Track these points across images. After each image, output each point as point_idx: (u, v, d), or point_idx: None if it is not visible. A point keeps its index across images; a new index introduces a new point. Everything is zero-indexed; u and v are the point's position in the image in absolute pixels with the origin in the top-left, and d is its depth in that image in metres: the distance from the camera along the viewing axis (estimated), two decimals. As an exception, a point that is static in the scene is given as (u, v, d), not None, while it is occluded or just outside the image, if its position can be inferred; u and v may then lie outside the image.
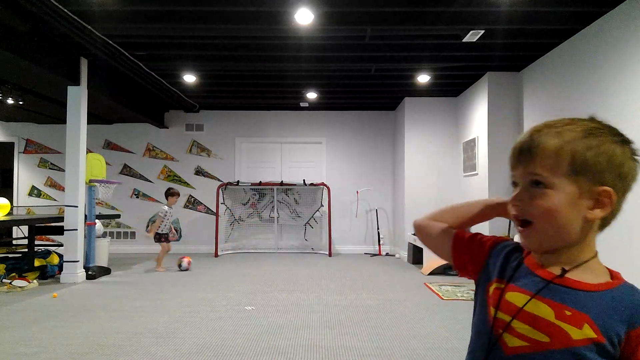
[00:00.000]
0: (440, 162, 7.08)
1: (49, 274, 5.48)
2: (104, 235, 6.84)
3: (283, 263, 6.74)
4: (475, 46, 4.74)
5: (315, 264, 6.66)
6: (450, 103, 7.07)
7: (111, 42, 4.52)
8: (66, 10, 3.77)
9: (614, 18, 3.77)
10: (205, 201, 8.14)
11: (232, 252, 7.85)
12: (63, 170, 7.48)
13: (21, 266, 5.44)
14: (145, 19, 4.12)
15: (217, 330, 3.34)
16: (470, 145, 6.29)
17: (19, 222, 5.75)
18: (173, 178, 8.16)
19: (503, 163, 5.58)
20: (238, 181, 7.86)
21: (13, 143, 8.30)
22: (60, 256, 5.65)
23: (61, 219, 5.31)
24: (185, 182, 8.14)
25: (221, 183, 7.88)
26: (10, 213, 5.96)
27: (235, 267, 6.35)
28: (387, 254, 7.81)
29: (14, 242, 6.54)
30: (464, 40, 4.46)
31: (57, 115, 7.28)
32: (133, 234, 8.14)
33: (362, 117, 8.16)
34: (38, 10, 3.64)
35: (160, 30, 4.39)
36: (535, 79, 5.23)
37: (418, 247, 6.40)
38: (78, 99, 5.20)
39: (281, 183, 7.88)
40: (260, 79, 6.26)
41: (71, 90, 5.19)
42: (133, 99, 6.58)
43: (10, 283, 4.79)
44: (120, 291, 4.74)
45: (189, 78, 6.07)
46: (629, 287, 0.70)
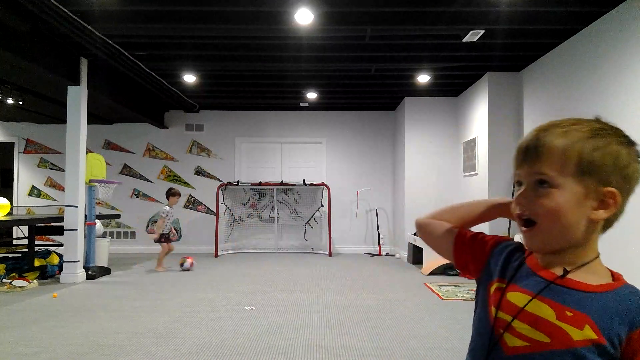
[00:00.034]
0: (440, 162, 7.08)
1: (49, 274, 5.49)
2: (104, 235, 6.84)
3: (283, 263, 6.74)
4: (475, 46, 4.74)
5: (315, 264, 6.66)
6: (450, 103, 7.07)
7: (111, 42, 4.52)
8: (66, 10, 3.77)
9: (614, 18, 3.77)
10: (205, 201, 8.14)
11: (232, 252, 7.86)
12: (63, 170, 7.48)
13: (21, 266, 5.45)
14: (145, 19, 4.12)
15: (217, 330, 3.34)
16: (470, 145, 6.29)
17: (19, 222, 5.75)
18: (173, 178, 8.17)
19: (503, 163, 5.60)
20: (238, 181, 7.86)
21: (13, 143, 8.30)
22: (60, 256, 5.65)
23: (61, 219, 5.31)
24: (185, 182, 8.14)
25: (221, 183, 7.88)
26: (10, 213, 5.96)
27: (235, 267, 6.35)
28: (387, 254, 7.81)
29: (14, 242, 6.54)
30: (464, 40, 4.47)
31: (57, 115, 7.28)
32: (133, 234, 8.15)
33: (362, 117, 8.16)
34: (38, 10, 3.64)
35: (160, 30, 4.39)
36: (535, 79, 5.23)
37: (418, 247, 6.39)
38: (78, 99, 5.20)
39: (281, 183, 7.88)
40: (260, 79, 6.26)
41: (71, 90, 5.19)
42: (133, 99, 6.58)
43: (10, 283, 4.79)
44: (120, 291, 4.74)
45: (189, 78, 6.07)
46: (631, 289, 0.70)
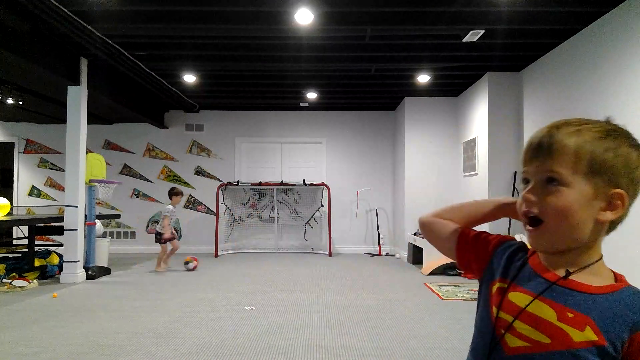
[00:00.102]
0: (440, 162, 7.08)
1: (49, 274, 5.49)
2: (104, 235, 6.84)
3: (283, 263, 6.74)
4: (475, 46, 4.74)
5: (315, 264, 6.66)
6: (450, 103, 7.07)
7: (111, 42, 4.53)
8: (66, 10, 3.77)
9: (614, 18, 3.77)
10: (205, 201, 8.14)
11: (232, 252, 7.85)
12: (63, 170, 7.49)
13: (21, 266, 5.45)
14: (145, 19, 4.12)
15: (217, 330, 3.34)
16: (470, 145, 6.29)
17: (19, 222, 5.75)
18: (173, 178, 8.17)
19: (503, 163, 5.60)
20: (238, 181, 7.86)
21: (13, 143, 8.30)
22: (60, 256, 5.65)
23: (61, 219, 5.31)
24: (185, 182, 8.14)
25: (221, 183, 7.88)
26: (10, 213, 5.96)
27: (235, 267, 6.35)
28: (387, 254, 7.81)
29: (14, 242, 6.54)
30: (464, 40, 4.47)
31: (57, 115, 7.28)
32: (133, 234, 8.15)
33: (362, 117, 8.16)
34: (38, 10, 3.64)
35: (160, 30, 4.39)
36: (535, 79, 5.23)
37: (418, 247, 6.39)
38: (78, 99, 5.20)
39: (281, 183, 7.88)
40: (260, 79, 6.26)
41: (71, 90, 5.19)
42: (133, 99, 6.58)
43: (10, 283, 4.79)
44: (120, 291, 4.74)
45: (189, 78, 6.07)
46: (633, 290, 0.70)
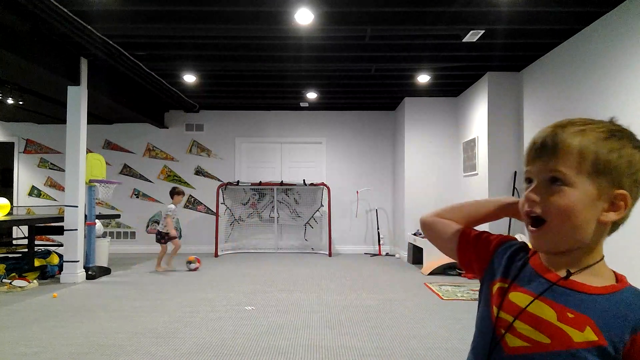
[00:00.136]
0: (440, 162, 7.08)
1: (49, 274, 5.49)
2: (104, 235, 6.84)
3: (283, 263, 6.74)
4: (475, 46, 4.74)
5: (315, 264, 6.66)
6: (450, 103, 7.07)
7: (111, 42, 4.53)
8: (66, 10, 3.77)
9: (614, 18, 3.77)
10: (205, 201, 8.14)
11: (232, 252, 7.86)
12: (63, 170, 7.49)
13: (21, 266, 5.45)
14: (145, 19, 4.12)
15: (217, 330, 3.34)
16: (470, 145, 6.29)
17: (19, 222, 5.75)
18: (173, 178, 8.17)
19: (503, 163, 5.60)
20: (238, 181, 7.86)
21: (13, 143, 8.30)
22: (60, 256, 5.65)
23: (61, 219, 5.32)
24: (185, 182, 8.14)
25: (221, 183, 7.88)
26: (10, 213, 5.97)
27: (235, 267, 6.35)
28: (387, 254, 7.81)
29: (14, 242, 6.54)
30: (464, 40, 4.47)
31: (57, 115, 7.28)
32: (133, 234, 8.15)
33: (362, 117, 8.16)
34: (38, 10, 3.64)
35: (160, 30, 4.39)
36: (535, 79, 5.23)
37: (418, 247, 6.39)
38: (78, 99, 5.20)
39: (281, 183, 7.88)
40: (260, 79, 6.26)
41: (71, 90, 5.19)
42: (133, 99, 6.58)
43: (10, 283, 4.79)
44: (120, 291, 4.74)
45: (189, 78, 6.07)
46: (634, 291, 0.70)
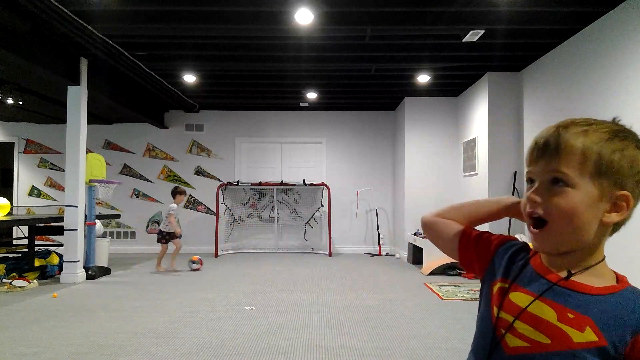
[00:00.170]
0: (440, 162, 7.08)
1: (49, 274, 5.49)
2: (104, 235, 6.84)
3: (283, 263, 6.74)
4: (475, 46, 4.74)
5: (315, 264, 6.66)
6: (450, 103, 7.07)
7: (111, 42, 4.53)
8: (66, 10, 3.77)
9: (614, 18, 3.77)
10: (205, 201, 8.14)
11: (232, 252, 7.85)
12: (63, 170, 7.49)
13: (21, 266, 5.44)
14: (145, 19, 4.12)
15: (217, 330, 3.34)
16: (470, 145, 6.29)
17: (19, 222, 5.75)
18: (173, 178, 8.16)
19: (503, 163, 5.60)
20: (238, 181, 7.86)
21: (13, 143, 8.30)
22: (60, 256, 5.65)
23: (61, 219, 5.31)
24: (185, 182, 8.14)
25: (221, 183, 7.88)
26: (10, 213, 5.96)
27: (235, 267, 6.35)
28: (387, 254, 7.81)
29: (14, 242, 6.54)
30: (464, 40, 4.47)
31: (57, 115, 7.28)
32: (133, 234, 8.15)
33: (362, 117, 8.16)
34: (38, 10, 3.64)
35: (160, 30, 4.39)
36: (535, 79, 5.23)
37: (418, 247, 6.39)
38: (78, 99, 5.20)
39: (281, 183, 7.88)
40: (260, 79, 6.26)
41: (71, 90, 5.19)
42: (133, 99, 6.58)
43: (10, 283, 4.79)
44: (120, 291, 4.74)
45: (189, 78, 6.07)
46: (635, 292, 0.70)
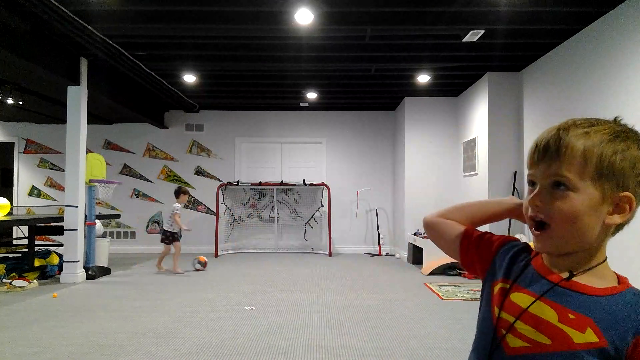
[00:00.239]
0: (440, 162, 7.07)
1: (49, 274, 5.49)
2: (104, 235, 6.84)
3: (283, 263, 6.74)
4: (475, 46, 4.74)
5: (315, 264, 6.66)
6: (450, 103, 7.07)
7: (111, 42, 4.53)
8: (66, 10, 3.77)
9: (614, 18, 3.77)
10: (205, 201, 8.14)
11: (232, 252, 7.85)
12: (63, 170, 7.48)
13: (21, 266, 5.44)
14: (145, 19, 4.12)
15: (217, 330, 3.34)
16: (470, 145, 6.29)
17: (19, 222, 5.75)
18: (173, 178, 8.16)
19: (503, 163, 5.60)
20: (238, 181, 7.86)
21: (13, 143, 8.30)
22: (60, 256, 5.65)
23: (61, 219, 5.31)
24: (185, 182, 8.14)
25: (221, 183, 7.88)
26: (10, 213, 5.96)
27: (235, 267, 6.35)
28: (387, 254, 7.80)
29: (14, 242, 6.54)
30: (464, 40, 4.47)
31: (57, 115, 7.28)
32: (133, 234, 8.14)
33: (362, 117, 8.16)
34: (38, 10, 3.64)
35: (160, 30, 4.39)
36: (535, 79, 5.23)
37: (418, 247, 6.39)
38: (78, 99, 5.20)
39: (281, 183, 7.88)
40: (260, 79, 6.26)
41: (71, 90, 5.19)
42: (133, 99, 6.58)
43: (10, 283, 4.79)
44: (120, 291, 4.74)
45: (189, 78, 6.07)
46: (636, 293, 0.69)
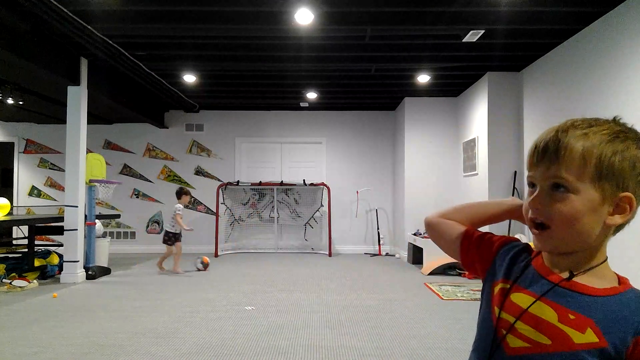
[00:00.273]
0: (440, 162, 7.07)
1: (49, 274, 5.49)
2: (104, 235, 6.83)
3: (283, 263, 6.74)
4: (475, 46, 4.74)
5: (315, 264, 6.66)
6: (450, 103, 7.07)
7: (111, 42, 4.53)
8: (66, 10, 3.77)
9: (614, 18, 3.77)
10: (205, 201, 8.14)
11: (232, 252, 7.85)
12: (63, 170, 7.48)
13: (21, 266, 5.44)
14: (145, 19, 4.12)
15: (217, 330, 3.34)
16: (470, 145, 6.29)
17: (19, 222, 5.75)
18: (173, 178, 8.16)
19: (503, 163, 5.60)
20: (238, 181, 7.86)
21: (13, 143, 8.30)
22: (60, 256, 5.65)
23: (61, 219, 5.31)
24: (185, 182, 8.14)
25: (221, 183, 7.88)
26: (10, 213, 5.96)
27: (235, 267, 6.35)
28: (387, 254, 7.80)
29: (14, 242, 6.54)
30: (464, 40, 4.47)
31: (57, 115, 7.28)
32: (133, 234, 8.14)
33: (362, 117, 8.16)
34: (38, 10, 3.64)
35: (160, 30, 4.39)
36: (535, 79, 5.23)
37: (418, 247, 6.38)
38: (78, 99, 5.20)
39: (281, 183, 7.88)
40: (260, 79, 6.26)
41: (71, 90, 5.19)
42: (133, 99, 6.58)
43: (10, 283, 4.79)
44: (120, 291, 4.74)
45: (189, 78, 6.07)
46: (636, 293, 0.69)
